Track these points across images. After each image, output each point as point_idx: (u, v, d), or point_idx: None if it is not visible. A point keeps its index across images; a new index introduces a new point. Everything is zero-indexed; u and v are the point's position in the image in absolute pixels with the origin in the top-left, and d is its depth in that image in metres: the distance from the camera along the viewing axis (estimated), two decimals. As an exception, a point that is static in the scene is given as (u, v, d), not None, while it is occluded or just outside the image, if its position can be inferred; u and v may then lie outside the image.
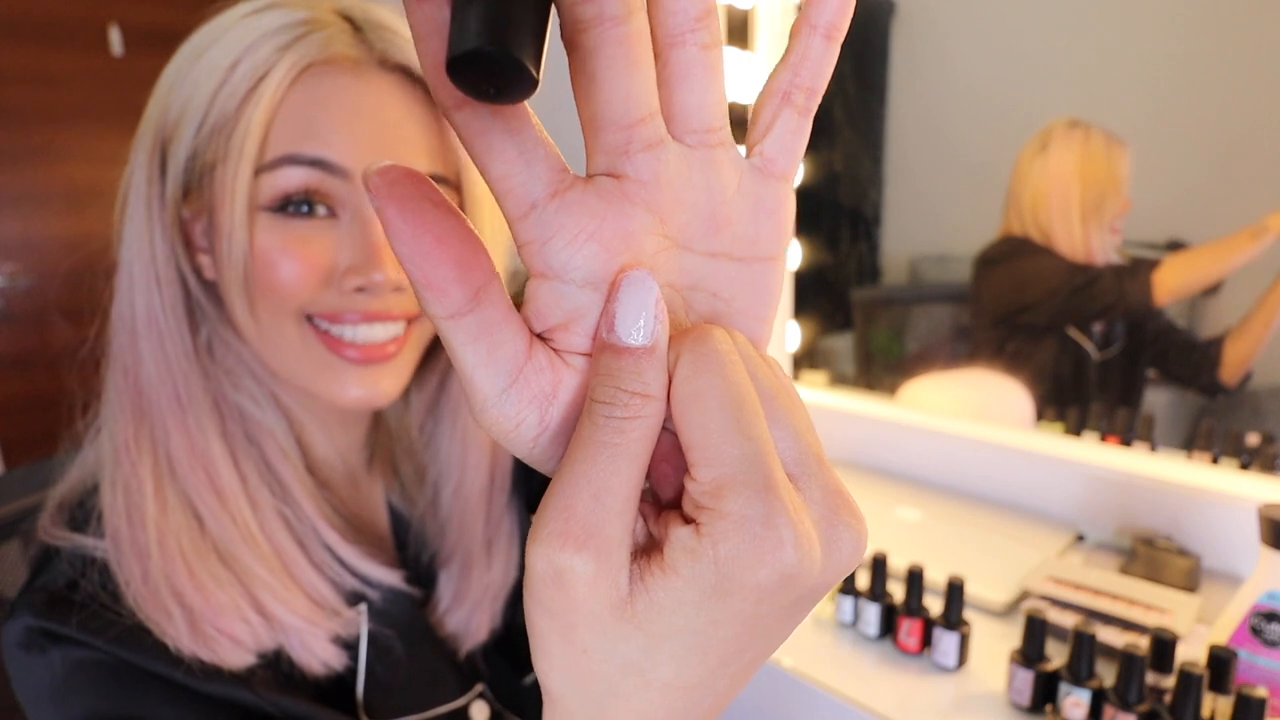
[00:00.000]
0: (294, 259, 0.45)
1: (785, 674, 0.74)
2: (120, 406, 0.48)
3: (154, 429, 0.47)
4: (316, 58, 0.45)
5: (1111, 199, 0.97)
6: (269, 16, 0.46)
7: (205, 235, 0.48)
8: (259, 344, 0.49)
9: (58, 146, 2.05)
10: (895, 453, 1.16)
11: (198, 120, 0.45)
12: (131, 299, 0.48)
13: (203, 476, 0.46)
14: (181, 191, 0.47)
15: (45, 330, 2.09)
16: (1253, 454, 0.86)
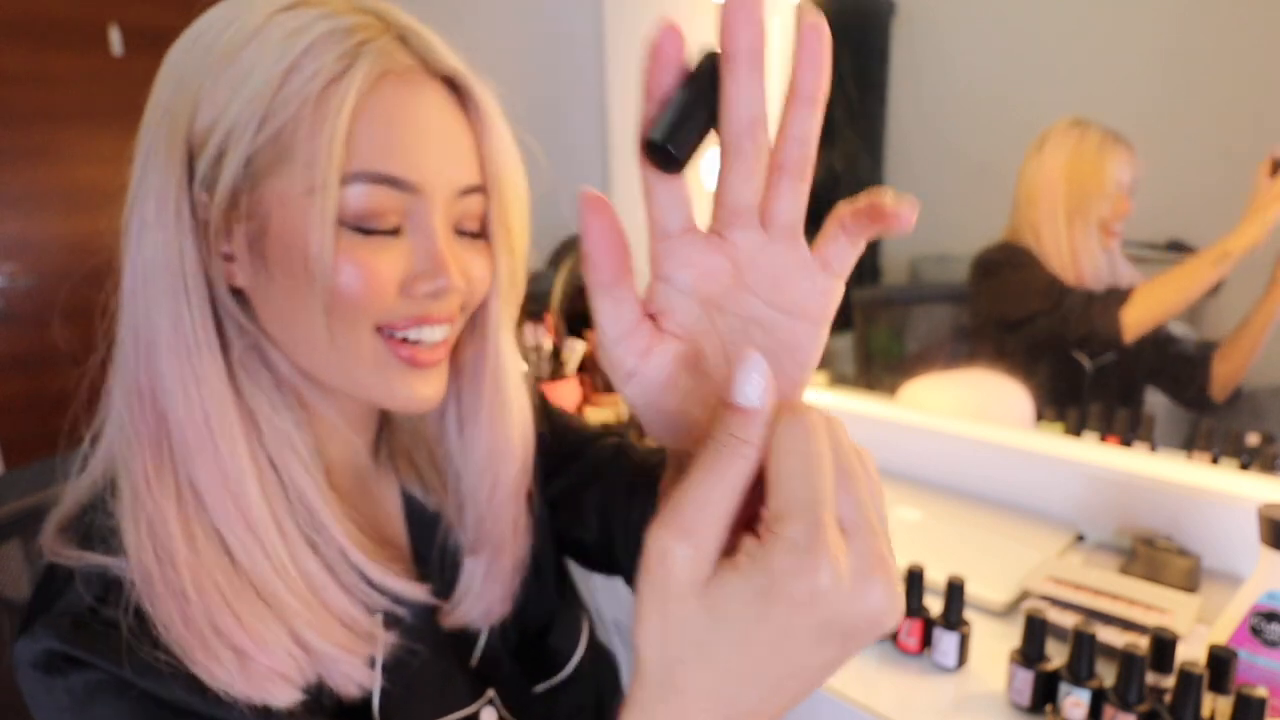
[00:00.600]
0: (373, 273, 0.45)
1: (785, 674, 0.74)
2: (136, 434, 0.45)
3: (178, 459, 0.44)
4: (389, 68, 0.45)
5: (1097, 199, 0.97)
6: (306, 15, 0.44)
7: (250, 244, 0.45)
8: (322, 357, 0.47)
9: (58, 146, 2.05)
10: (895, 453, 1.16)
11: (250, 125, 0.43)
12: (149, 314, 0.45)
13: (233, 508, 0.44)
14: (221, 198, 0.44)
15: (45, 330, 2.08)
16: (1253, 454, 0.86)
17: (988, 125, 1.08)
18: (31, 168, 2.02)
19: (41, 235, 2.05)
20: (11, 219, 2.02)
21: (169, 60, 0.46)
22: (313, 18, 0.44)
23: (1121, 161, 0.96)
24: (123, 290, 0.47)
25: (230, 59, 0.43)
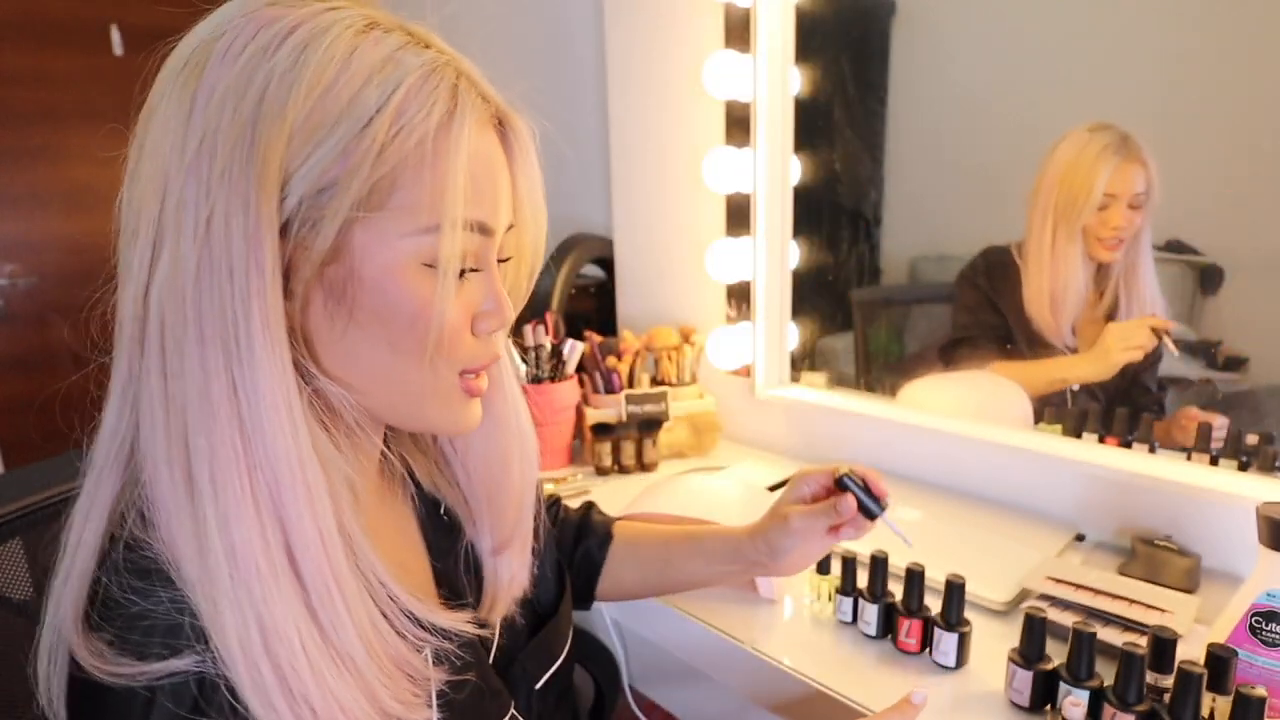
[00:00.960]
0: (461, 315, 0.47)
1: (785, 673, 0.74)
2: (240, 504, 0.39)
3: (289, 528, 0.40)
4: (480, 114, 0.45)
5: (1084, 207, 0.96)
6: (388, 43, 0.43)
7: (330, 285, 0.43)
8: (396, 396, 0.47)
9: (58, 146, 2.05)
10: (895, 453, 1.16)
11: (362, 167, 0.41)
12: (233, 370, 0.40)
13: (329, 574, 0.41)
14: (323, 239, 0.41)
15: (45, 330, 2.09)
16: (1252, 454, 0.86)
17: (988, 125, 1.08)
18: (31, 168, 2.02)
19: (41, 235, 2.05)
20: (11, 219, 2.02)
21: (226, 73, 0.40)
22: (394, 47, 0.43)
23: (1120, 172, 0.94)
24: (162, 335, 0.40)
25: (323, 88, 0.40)
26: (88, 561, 0.42)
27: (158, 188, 0.40)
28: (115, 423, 0.43)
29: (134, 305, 0.41)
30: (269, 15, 0.42)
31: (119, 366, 0.43)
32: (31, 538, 0.70)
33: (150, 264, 0.40)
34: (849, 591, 0.79)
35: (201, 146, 0.40)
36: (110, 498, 0.42)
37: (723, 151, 1.23)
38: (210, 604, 0.38)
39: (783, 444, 1.30)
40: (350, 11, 0.43)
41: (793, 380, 1.30)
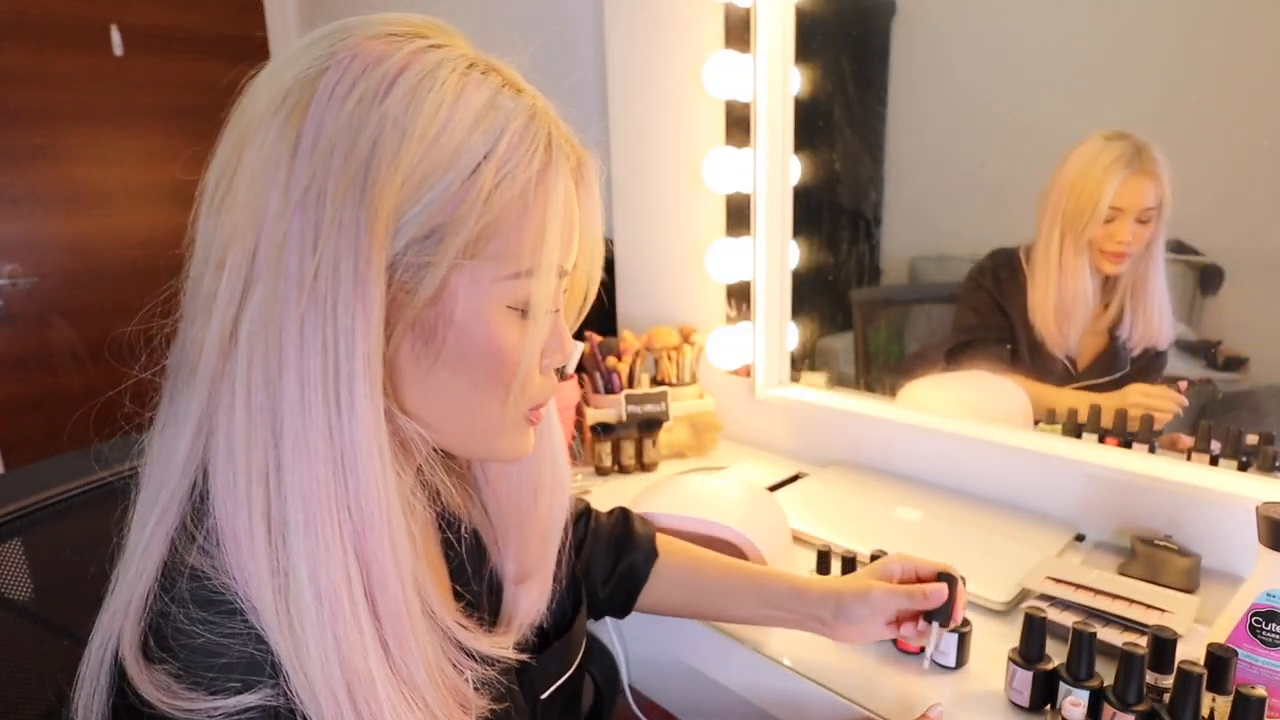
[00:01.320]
0: (539, 355, 0.48)
1: (785, 674, 0.74)
2: (330, 545, 0.39)
3: (371, 569, 0.40)
4: (572, 160, 0.46)
5: (1090, 219, 0.95)
6: (490, 84, 0.43)
7: (421, 324, 0.43)
8: (469, 432, 0.47)
9: (58, 146, 2.06)
10: (895, 453, 1.16)
11: (472, 213, 0.41)
12: (331, 413, 0.40)
13: (403, 608, 0.42)
14: (430, 281, 0.42)
15: (45, 330, 2.09)
16: (1252, 454, 0.86)
17: (988, 125, 1.08)
18: (31, 168, 2.02)
19: (41, 235, 2.05)
20: (11, 219, 2.02)
21: (335, 113, 0.40)
22: (493, 90, 0.43)
23: (1128, 185, 0.92)
24: (250, 370, 0.40)
25: (434, 134, 0.41)
26: (146, 592, 0.41)
27: (253, 222, 0.40)
28: (187, 453, 0.41)
29: (219, 338, 0.40)
30: (375, 52, 0.41)
31: (190, 395, 0.41)
32: (31, 538, 0.70)
33: (241, 298, 0.40)
34: (849, 591, 0.79)
35: (310, 188, 0.39)
36: (171, 529, 0.41)
37: (723, 151, 1.23)
38: (291, 641, 0.38)
39: (783, 444, 1.30)
40: (449, 50, 0.43)
41: (793, 380, 1.30)
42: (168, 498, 0.42)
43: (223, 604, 0.39)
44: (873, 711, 0.67)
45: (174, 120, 2.23)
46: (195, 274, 0.43)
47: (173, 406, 0.44)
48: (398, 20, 0.44)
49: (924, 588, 0.66)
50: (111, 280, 2.15)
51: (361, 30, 0.42)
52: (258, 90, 0.43)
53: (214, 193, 0.42)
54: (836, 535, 0.95)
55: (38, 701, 0.68)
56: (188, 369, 0.42)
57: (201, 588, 0.40)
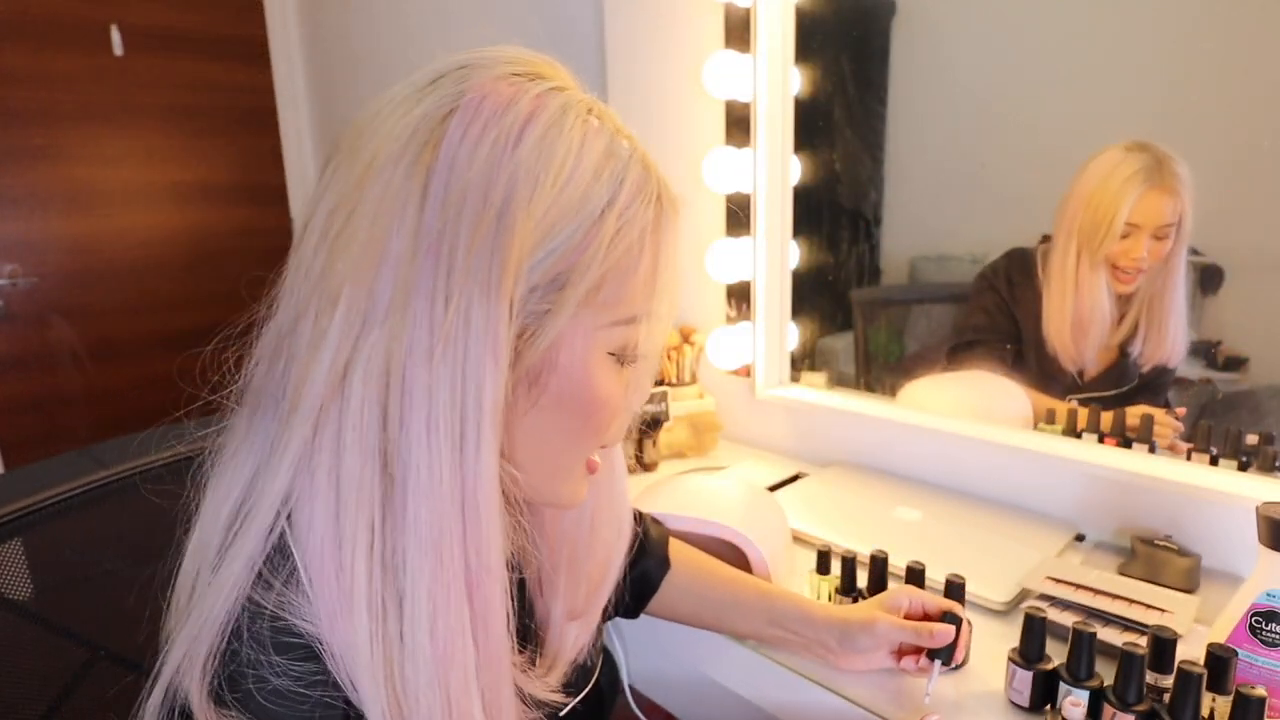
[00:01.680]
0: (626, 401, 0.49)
1: (786, 674, 0.74)
2: (447, 586, 0.40)
3: (484, 616, 0.41)
4: (675, 211, 0.46)
5: (1107, 237, 0.93)
6: (605, 130, 0.44)
7: (530, 370, 0.43)
8: (546, 476, 0.47)
9: (59, 146, 2.05)
10: (895, 453, 1.16)
11: (594, 263, 0.42)
12: (460, 459, 0.40)
13: (504, 653, 0.43)
14: (551, 329, 0.42)
15: (45, 330, 2.09)
16: (1252, 454, 0.86)
17: (988, 125, 1.08)
18: (32, 168, 2.02)
19: (41, 235, 2.05)
20: (11, 219, 2.02)
21: (467, 157, 0.40)
22: (610, 136, 0.44)
23: (1145, 201, 0.90)
24: (363, 412, 0.39)
25: (563, 182, 0.41)
26: (218, 632, 0.39)
27: (375, 262, 0.39)
28: (279, 490, 0.40)
29: (328, 376, 0.39)
30: (503, 94, 0.41)
31: (287, 432, 0.40)
32: (31, 538, 0.70)
33: (357, 338, 0.39)
34: (849, 591, 0.79)
35: (444, 232, 0.39)
36: (250, 569, 0.40)
37: (723, 151, 1.23)
38: (390, 684, 0.38)
39: (783, 444, 1.30)
40: (570, 94, 0.44)
41: (793, 380, 1.30)
42: (247, 534, 0.40)
43: (301, 648, 0.39)
44: (873, 711, 0.67)
45: (174, 120, 2.23)
46: (297, 309, 0.41)
47: (250, 440, 0.43)
48: (517, 59, 0.44)
49: (930, 626, 0.66)
50: (111, 280, 2.15)
51: (486, 69, 0.42)
52: (377, 125, 0.42)
53: (326, 228, 0.41)
54: (836, 535, 0.95)
55: (38, 701, 0.68)
56: (283, 404, 0.41)
57: (278, 630, 0.39)
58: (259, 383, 0.43)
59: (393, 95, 0.43)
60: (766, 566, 0.82)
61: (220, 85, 2.31)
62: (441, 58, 0.45)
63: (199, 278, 2.32)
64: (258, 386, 0.43)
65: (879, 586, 0.76)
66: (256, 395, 0.43)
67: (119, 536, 0.76)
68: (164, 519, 0.47)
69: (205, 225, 2.33)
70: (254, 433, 0.43)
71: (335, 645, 0.38)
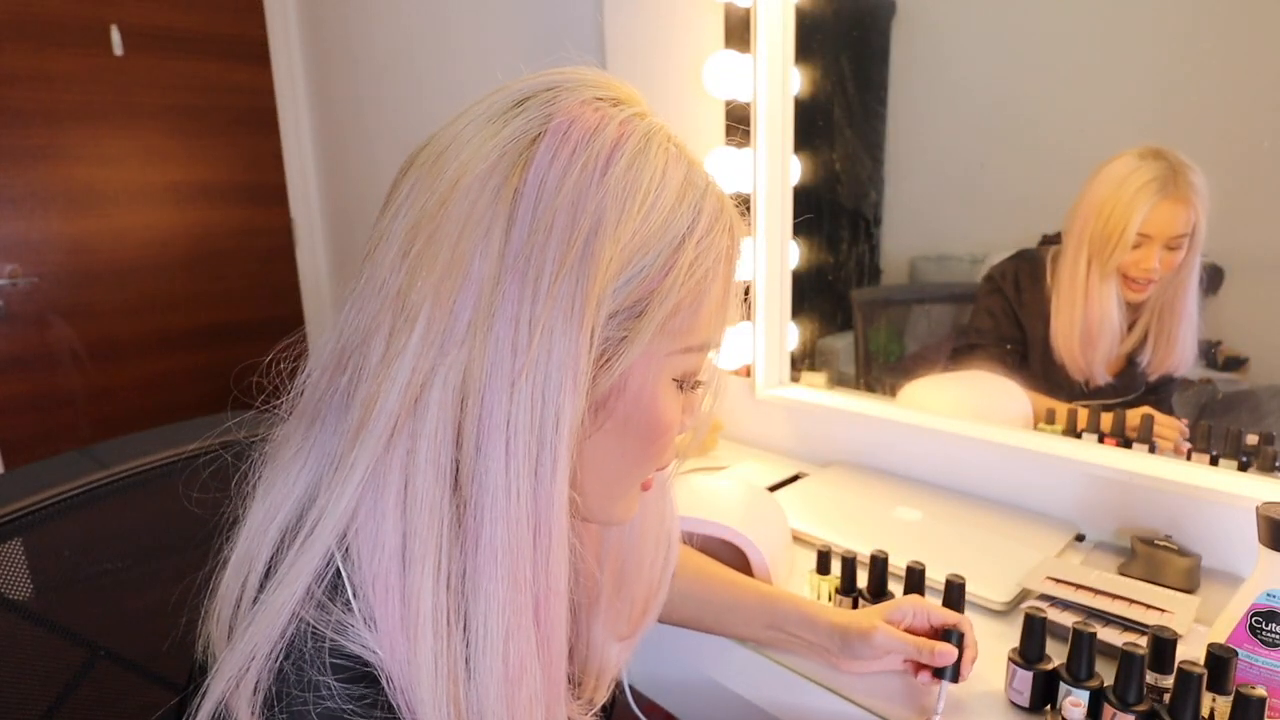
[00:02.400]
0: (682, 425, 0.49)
1: (786, 674, 0.74)
2: (518, 609, 0.39)
3: (549, 639, 0.42)
4: (741, 240, 0.47)
5: (1118, 247, 0.92)
6: (684, 159, 0.44)
7: (604, 392, 0.44)
8: (606, 497, 0.48)
9: (59, 146, 2.06)
10: (895, 453, 1.16)
11: (673, 291, 0.42)
12: (535, 485, 0.40)
13: (560, 674, 0.43)
14: (629, 355, 0.43)
15: (45, 330, 2.09)
16: (1252, 454, 0.86)
17: (988, 125, 1.08)
18: (32, 168, 2.02)
19: (41, 235, 2.05)
20: (12, 219, 2.02)
21: (555, 181, 0.40)
22: (688, 165, 0.45)
23: (1158, 212, 0.89)
24: (437, 434, 0.39)
25: (647, 209, 0.41)
26: (271, 650, 0.39)
27: (457, 283, 0.39)
28: (349, 509, 0.39)
29: (403, 394, 0.39)
30: (590, 121, 0.42)
31: (358, 449, 0.39)
32: (31, 538, 0.70)
33: (436, 357, 0.39)
34: (849, 591, 0.79)
35: (532, 256, 0.39)
36: (308, 589, 0.39)
37: (723, 151, 1.23)
38: (458, 709, 0.38)
39: (783, 444, 1.30)
40: (651, 120, 0.45)
41: (793, 380, 1.30)
42: (308, 552, 0.39)
43: (355, 671, 0.38)
44: (873, 711, 0.67)
45: (174, 120, 2.23)
46: (370, 324, 0.41)
47: (305, 453, 0.42)
48: (601, 83, 0.45)
49: (931, 644, 0.66)
50: (111, 280, 2.15)
51: (572, 93, 0.43)
52: (461, 144, 0.42)
53: (406, 244, 0.41)
54: (836, 535, 0.95)
55: (38, 701, 0.69)
56: (347, 420, 0.41)
57: (333, 652, 0.38)
58: (318, 395, 0.43)
59: (475, 115, 0.43)
60: (766, 567, 0.82)
61: (220, 85, 2.32)
62: (525, 78, 0.44)
63: (199, 278, 2.32)
64: (316, 399, 0.43)
65: (879, 586, 0.76)
66: (315, 408, 0.43)
67: (119, 536, 0.76)
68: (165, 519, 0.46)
69: (205, 225, 2.33)
70: (311, 446, 0.42)
71: (396, 668, 0.38)
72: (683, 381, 0.46)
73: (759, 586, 0.76)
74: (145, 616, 0.72)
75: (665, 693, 1.00)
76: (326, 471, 0.41)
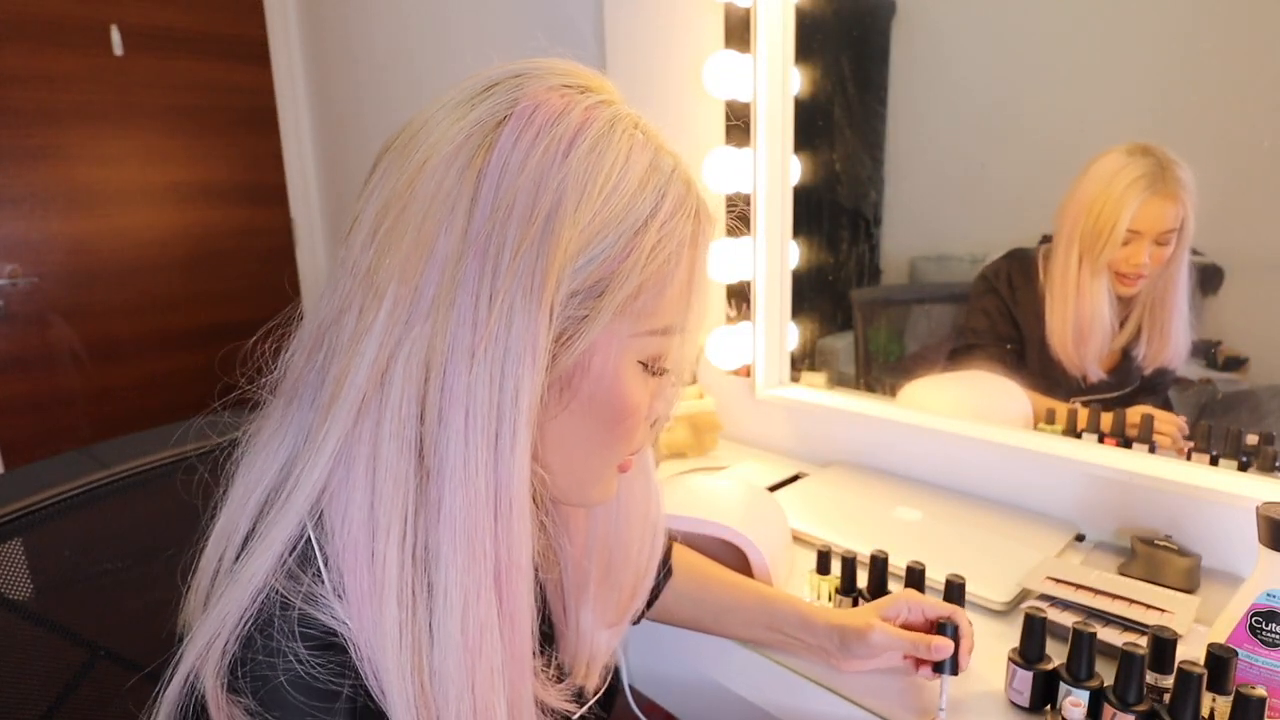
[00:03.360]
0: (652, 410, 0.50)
1: (786, 674, 0.74)
2: (478, 580, 0.40)
3: (512, 613, 0.42)
4: (710, 228, 0.48)
5: (1109, 243, 0.93)
6: (651, 144, 0.45)
7: (562, 374, 0.44)
8: (576, 478, 0.48)
9: (59, 146, 2.06)
10: (895, 453, 1.16)
11: (634, 272, 0.43)
12: (495, 456, 0.41)
13: (526, 649, 0.43)
14: (588, 333, 0.43)
15: (45, 330, 2.09)
16: (1252, 454, 0.86)
17: (987, 125, 1.08)
18: (32, 168, 2.02)
19: (41, 235, 2.05)
20: (12, 219, 2.02)
21: (518, 162, 0.41)
22: (653, 151, 0.45)
23: (1148, 208, 0.89)
24: (402, 405, 0.40)
25: (609, 191, 0.42)
26: (241, 619, 0.40)
27: (422, 260, 0.40)
28: (321, 480, 0.41)
29: (371, 369, 0.40)
30: (555, 105, 0.42)
31: (328, 424, 0.41)
32: (31, 538, 0.70)
33: (401, 333, 0.40)
34: (849, 591, 0.79)
35: (492, 234, 0.40)
36: (279, 559, 0.40)
37: (723, 151, 1.23)
38: (421, 677, 0.39)
39: (783, 444, 1.30)
40: (618, 107, 0.45)
41: (793, 380, 1.30)
42: (280, 523, 0.41)
43: (321, 639, 0.39)
44: (872, 710, 0.67)
45: (174, 120, 2.23)
46: (342, 302, 0.42)
47: (285, 429, 0.44)
48: (568, 71, 0.45)
49: (927, 639, 0.66)
50: (111, 280, 2.15)
51: (539, 79, 0.44)
52: (430, 128, 0.43)
53: (375, 224, 0.42)
54: (836, 535, 0.95)
55: (38, 701, 0.68)
56: (322, 395, 0.42)
57: (300, 620, 0.39)
58: (296, 373, 0.44)
59: (446, 100, 0.44)
60: (766, 567, 0.82)
61: (220, 85, 2.32)
62: (496, 66, 0.45)
63: (199, 278, 2.32)
64: (295, 377, 0.44)
65: (879, 586, 0.76)
66: (294, 386, 0.44)
67: (119, 536, 0.76)
68: (165, 519, 0.47)
69: (205, 225, 2.33)
70: (289, 422, 0.44)
71: (363, 635, 0.39)
72: (649, 364, 0.47)
73: (757, 588, 0.76)
74: (145, 616, 0.72)
75: (665, 693, 1.00)
76: (302, 445, 0.42)
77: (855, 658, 0.69)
